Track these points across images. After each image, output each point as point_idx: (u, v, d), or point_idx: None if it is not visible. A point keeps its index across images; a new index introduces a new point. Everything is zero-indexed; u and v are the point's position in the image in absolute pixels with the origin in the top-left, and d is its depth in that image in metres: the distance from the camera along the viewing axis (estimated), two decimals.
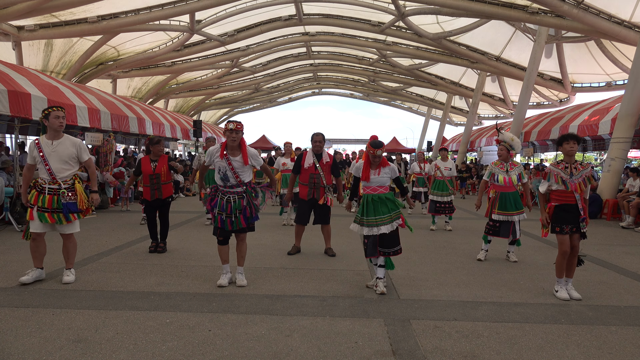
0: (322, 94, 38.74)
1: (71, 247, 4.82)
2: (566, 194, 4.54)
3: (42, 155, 4.57)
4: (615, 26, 13.12)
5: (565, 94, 21.68)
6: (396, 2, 15.97)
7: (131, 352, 3.20)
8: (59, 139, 4.65)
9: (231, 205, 4.60)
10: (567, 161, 4.59)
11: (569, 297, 4.55)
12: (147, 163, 6.39)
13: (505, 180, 6.13)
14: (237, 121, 4.63)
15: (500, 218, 6.15)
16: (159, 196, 6.33)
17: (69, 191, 4.64)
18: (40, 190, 4.60)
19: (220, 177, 4.65)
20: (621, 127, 11.71)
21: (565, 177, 4.53)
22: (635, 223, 9.91)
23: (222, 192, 4.67)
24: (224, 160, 4.60)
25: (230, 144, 4.59)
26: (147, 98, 24.80)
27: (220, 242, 4.76)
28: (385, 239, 4.64)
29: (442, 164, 9.02)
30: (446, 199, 8.84)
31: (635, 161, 26.51)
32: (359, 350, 3.30)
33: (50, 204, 4.56)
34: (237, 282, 4.79)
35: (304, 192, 6.32)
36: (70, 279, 4.75)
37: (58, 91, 10.56)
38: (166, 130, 16.76)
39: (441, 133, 31.37)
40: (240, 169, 4.63)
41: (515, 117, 17.90)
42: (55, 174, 4.59)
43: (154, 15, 15.44)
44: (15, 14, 12.77)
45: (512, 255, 6.31)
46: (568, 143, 4.54)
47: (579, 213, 4.52)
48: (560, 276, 4.64)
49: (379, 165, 4.76)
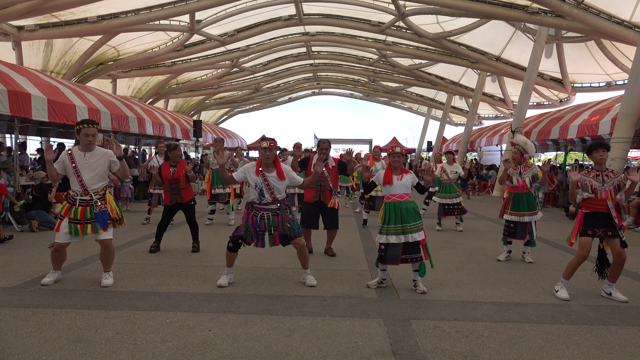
0: (322, 94, 38.72)
1: (110, 254, 4.80)
2: (597, 202, 4.52)
3: (75, 166, 4.60)
4: (616, 26, 13.11)
5: (565, 94, 21.68)
6: (396, 2, 15.96)
7: (131, 352, 3.20)
8: (91, 151, 4.69)
9: (265, 222, 4.63)
10: (597, 169, 4.58)
11: (569, 298, 4.55)
12: (167, 168, 6.54)
13: (519, 182, 6.18)
14: (271, 139, 4.71)
15: (512, 219, 6.18)
16: (179, 200, 6.45)
17: (101, 201, 4.67)
18: (72, 202, 4.62)
19: (257, 193, 4.69)
20: (621, 127, 11.70)
21: (597, 185, 4.51)
22: (635, 223, 9.91)
23: (257, 208, 4.70)
24: (260, 177, 4.65)
25: (264, 161, 4.67)
26: (147, 98, 24.80)
27: (230, 248, 4.75)
28: (410, 247, 4.63)
29: (448, 167, 9.09)
30: (455, 201, 8.89)
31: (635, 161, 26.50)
32: (359, 350, 3.30)
33: (83, 216, 4.57)
34: (307, 282, 4.86)
35: (310, 195, 6.32)
36: (108, 282, 4.74)
37: (58, 91, 10.55)
38: (166, 130, 16.75)
39: (441, 133, 31.36)
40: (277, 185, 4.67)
41: (515, 117, 17.89)
42: (87, 185, 4.61)
43: (154, 15, 15.43)
44: (15, 14, 12.76)
45: (527, 256, 6.34)
46: (597, 152, 4.52)
47: (612, 220, 4.48)
48: (567, 278, 4.65)
49: (402, 172, 4.77)
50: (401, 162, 4.82)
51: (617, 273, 4.56)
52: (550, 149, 20.83)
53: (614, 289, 4.62)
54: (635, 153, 27.88)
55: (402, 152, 4.89)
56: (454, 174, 9.01)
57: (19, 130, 9.62)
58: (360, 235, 8.08)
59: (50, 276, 4.76)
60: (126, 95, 22.36)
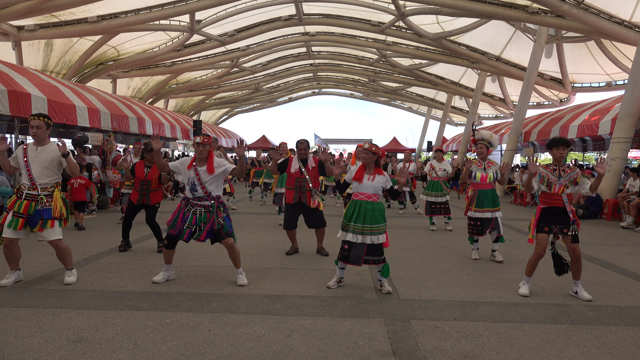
0: (322, 94, 38.76)
1: (64, 253, 4.74)
2: (553, 197, 4.58)
3: (26, 160, 4.58)
4: (616, 26, 13.12)
5: (565, 94, 21.68)
6: (396, 2, 15.96)
7: (131, 352, 3.20)
8: (44, 145, 4.64)
9: (196, 217, 4.65)
10: (555, 164, 4.65)
11: (528, 294, 4.65)
12: (140, 168, 6.45)
13: (482, 177, 6.20)
14: (205, 135, 4.77)
15: (477, 215, 6.20)
16: (147, 202, 6.39)
17: (47, 198, 4.60)
18: (19, 196, 4.58)
19: (189, 188, 4.74)
20: (621, 127, 11.70)
21: (553, 179, 4.57)
22: (635, 223, 9.91)
23: (191, 203, 4.73)
24: (192, 170, 4.71)
25: (198, 156, 4.74)
26: (147, 98, 24.80)
27: (167, 245, 4.80)
28: (373, 249, 4.59)
29: (437, 165, 9.02)
30: (441, 200, 8.84)
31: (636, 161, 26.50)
32: (359, 350, 3.30)
33: (26, 210, 4.51)
34: (237, 282, 4.82)
35: (290, 196, 6.33)
36: (71, 280, 4.73)
37: (58, 91, 10.55)
38: (166, 130, 16.76)
39: (441, 133, 31.37)
40: (208, 179, 4.69)
41: (515, 117, 17.90)
42: (35, 179, 4.57)
43: (154, 15, 15.44)
44: (15, 14, 12.77)
45: (497, 254, 6.30)
46: (558, 149, 4.59)
47: (567, 216, 4.53)
48: (528, 275, 4.74)
49: (374, 172, 4.69)
50: (371, 159, 4.66)
51: (577, 269, 4.61)
52: None
53: (579, 287, 4.64)
54: (635, 153, 27.87)
55: (372, 148, 4.68)
56: (443, 171, 8.96)
57: (19, 130, 9.63)
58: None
59: (9, 277, 4.66)
60: (126, 95, 22.36)
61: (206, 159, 4.75)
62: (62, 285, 4.70)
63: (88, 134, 11.69)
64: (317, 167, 6.39)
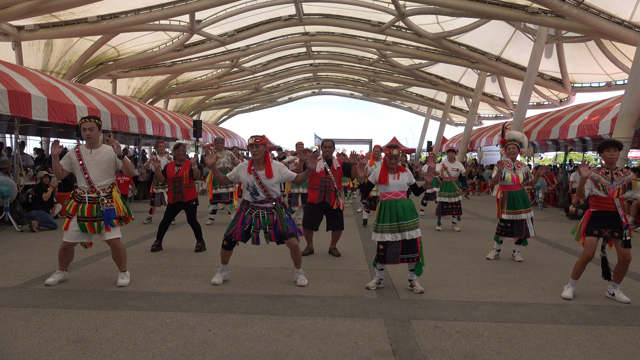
0: (322, 94, 38.74)
1: (120, 253, 4.78)
2: (605, 200, 4.50)
3: (82, 163, 4.59)
4: (616, 26, 13.12)
5: (565, 94, 21.69)
6: (396, 2, 15.96)
7: (131, 352, 3.20)
8: (97, 147, 4.68)
9: (260, 220, 4.66)
10: (607, 167, 4.57)
11: (571, 297, 4.58)
12: (171, 167, 6.65)
13: (513, 178, 6.15)
14: (257, 135, 4.74)
15: (510, 217, 6.15)
16: (181, 199, 6.49)
17: (108, 198, 4.66)
18: (79, 200, 4.61)
19: (250, 192, 4.72)
20: (621, 127, 11.70)
21: (606, 183, 4.49)
22: (635, 223, 9.91)
23: (252, 207, 4.72)
24: (252, 175, 4.68)
25: (254, 158, 4.70)
26: (147, 98, 24.80)
27: (225, 246, 4.81)
28: (408, 245, 4.60)
29: (449, 165, 9.02)
30: (454, 200, 8.85)
31: (636, 161, 26.50)
32: (359, 350, 3.30)
33: (90, 213, 4.57)
34: (297, 282, 4.88)
35: (314, 196, 6.29)
36: (124, 282, 4.74)
37: (58, 91, 10.55)
38: (166, 130, 16.74)
39: (441, 133, 31.37)
40: (269, 183, 4.68)
41: (515, 117, 17.89)
42: (93, 182, 4.61)
43: (154, 15, 15.43)
44: (15, 14, 12.76)
45: (517, 254, 6.33)
46: (609, 151, 4.49)
47: (619, 220, 4.45)
48: (575, 277, 4.66)
49: (398, 170, 4.75)
50: (397, 163, 4.78)
51: (622, 274, 4.55)
52: (550, 149, 20.82)
53: (617, 290, 4.62)
54: (635, 153, 27.87)
55: (400, 152, 4.85)
56: (455, 171, 8.96)
57: (19, 130, 9.62)
58: (360, 235, 8.08)
59: (55, 276, 4.75)
60: (126, 95, 22.35)
61: (264, 162, 4.71)
62: (62, 285, 4.69)
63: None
64: (341, 167, 6.40)
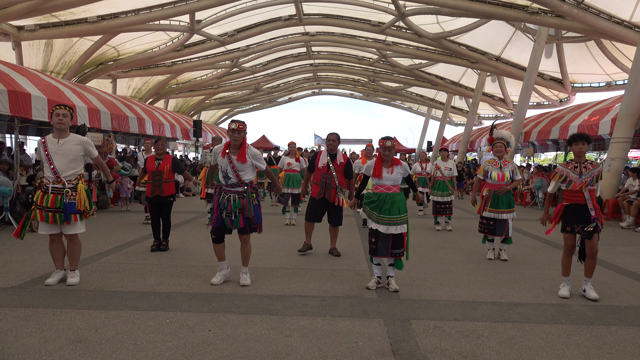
0: (322, 94, 38.73)
1: (75, 249, 4.77)
2: (576, 194, 4.53)
3: (47, 153, 4.55)
4: (616, 26, 13.11)
5: (565, 94, 21.67)
6: (396, 2, 15.96)
7: (131, 352, 3.20)
8: (64, 137, 4.61)
9: (231, 203, 4.63)
10: (576, 161, 4.60)
11: (568, 295, 4.58)
12: (152, 161, 6.61)
13: (499, 177, 6.19)
14: (239, 121, 4.71)
15: (491, 215, 6.21)
16: (159, 193, 6.42)
17: (72, 191, 4.59)
18: (44, 190, 4.57)
19: (222, 175, 4.71)
20: (621, 127, 11.70)
21: (574, 177, 4.52)
22: (635, 223, 9.91)
23: (224, 190, 4.71)
24: (226, 158, 4.66)
25: (232, 143, 4.67)
26: (147, 98, 24.80)
27: (215, 240, 4.80)
28: (397, 240, 4.68)
29: (442, 164, 9.05)
30: (447, 199, 8.87)
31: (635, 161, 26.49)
32: (359, 350, 3.30)
33: (53, 204, 4.51)
34: (240, 282, 4.82)
35: (315, 191, 6.34)
36: (74, 281, 4.72)
37: (58, 91, 10.55)
38: (166, 130, 16.75)
39: (441, 133, 31.34)
40: (241, 167, 4.66)
41: (515, 117, 17.89)
42: (59, 172, 4.55)
43: (154, 15, 15.43)
44: (15, 14, 12.76)
45: (503, 253, 6.34)
46: (577, 144, 4.55)
47: (589, 213, 4.49)
48: (565, 275, 4.67)
49: (392, 164, 4.77)
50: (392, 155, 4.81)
51: (591, 266, 4.57)
52: (550, 149, 20.82)
53: (588, 286, 4.63)
54: (635, 153, 27.86)
55: (393, 144, 4.86)
56: (449, 170, 9.00)
57: (19, 130, 9.62)
58: (360, 235, 8.07)
59: (54, 276, 4.73)
60: (126, 95, 22.35)
61: (239, 147, 4.70)
62: (62, 285, 4.69)
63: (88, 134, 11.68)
64: (345, 163, 6.38)
